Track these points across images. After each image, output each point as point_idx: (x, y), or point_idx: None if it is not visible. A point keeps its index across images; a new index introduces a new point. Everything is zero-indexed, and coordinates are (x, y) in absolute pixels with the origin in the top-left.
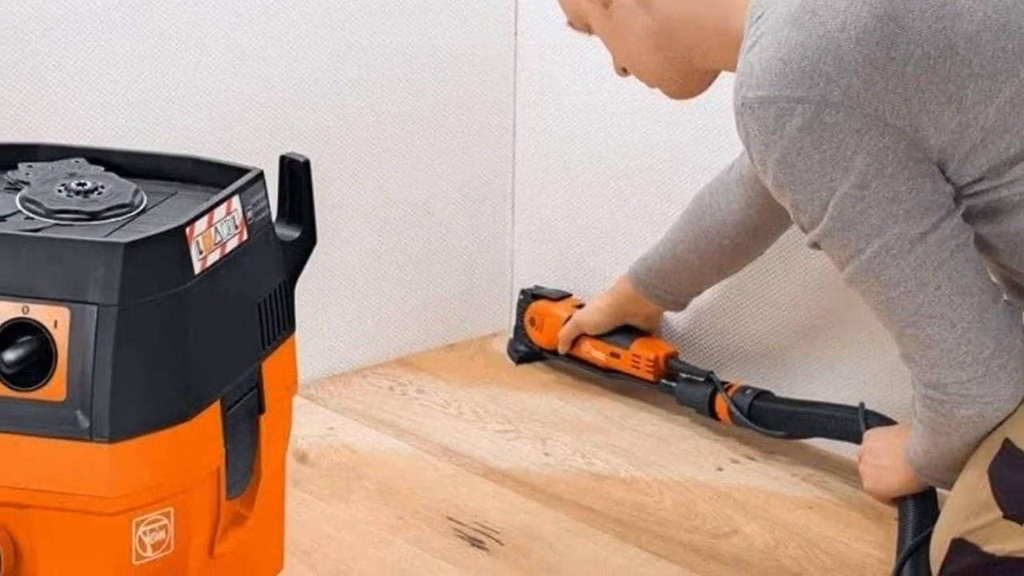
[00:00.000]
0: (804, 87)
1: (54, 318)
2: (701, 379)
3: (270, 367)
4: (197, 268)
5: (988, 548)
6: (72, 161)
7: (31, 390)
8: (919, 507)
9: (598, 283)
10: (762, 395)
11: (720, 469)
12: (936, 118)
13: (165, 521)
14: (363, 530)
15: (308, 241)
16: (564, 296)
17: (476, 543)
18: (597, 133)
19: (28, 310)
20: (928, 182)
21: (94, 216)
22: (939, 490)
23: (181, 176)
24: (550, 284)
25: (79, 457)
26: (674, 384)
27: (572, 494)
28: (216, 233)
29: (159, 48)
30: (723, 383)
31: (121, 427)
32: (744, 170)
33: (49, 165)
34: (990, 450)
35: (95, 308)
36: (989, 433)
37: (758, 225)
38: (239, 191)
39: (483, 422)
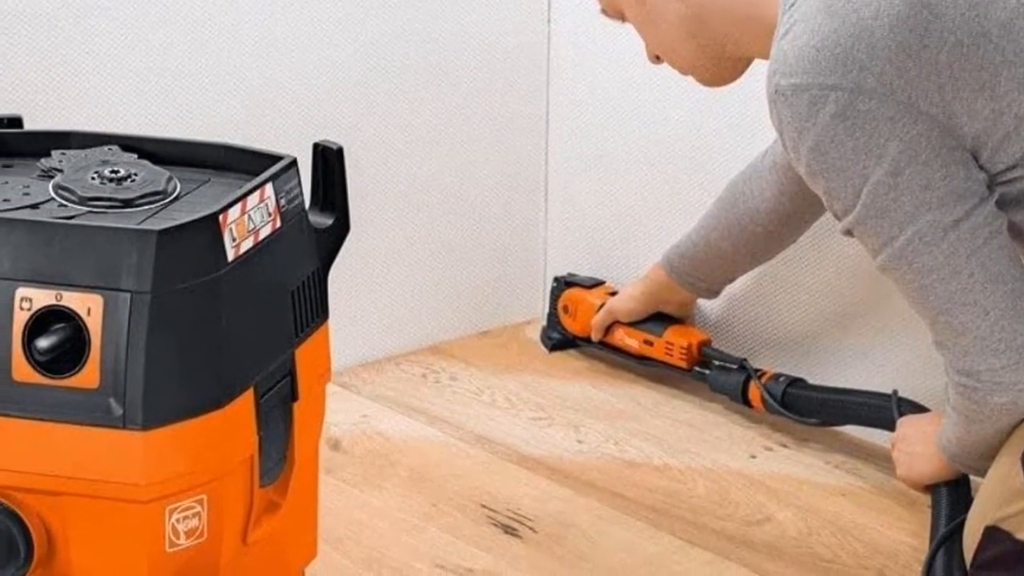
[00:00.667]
0: (837, 75)
1: (87, 305)
2: (734, 366)
3: (303, 354)
4: (230, 255)
5: (1021, 535)
6: (105, 148)
7: (64, 377)
8: (952, 494)
9: (631, 270)
10: (795, 382)
11: (753, 456)
12: (969, 105)
13: (198, 508)
14: (396, 517)
15: (341, 229)
16: (597, 283)
17: (509, 530)
18: (630, 120)
19: (61, 297)
20: (961, 169)
21: (127, 203)
22: (972, 477)
23: (214, 164)
24: (583, 271)
25: (112, 444)
26: (707, 371)
27: (605, 481)
28: (249, 221)
29: (192, 35)
30: (756, 370)
31: (154, 414)
32: (777, 157)
33: (82, 152)
34: (1023, 437)
35: (128, 295)
36: (1022, 420)
37: (791, 212)
38: (272, 178)
39: (516, 409)
